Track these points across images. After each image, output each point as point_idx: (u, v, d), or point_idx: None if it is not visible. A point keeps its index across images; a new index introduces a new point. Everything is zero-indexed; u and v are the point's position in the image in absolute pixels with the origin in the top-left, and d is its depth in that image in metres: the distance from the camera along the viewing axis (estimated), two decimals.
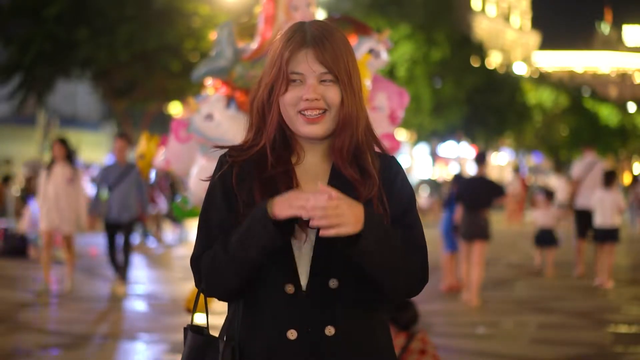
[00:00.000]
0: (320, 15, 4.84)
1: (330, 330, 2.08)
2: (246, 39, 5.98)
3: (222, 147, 2.25)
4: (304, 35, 2.15)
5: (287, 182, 2.14)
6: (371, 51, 5.54)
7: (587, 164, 12.64)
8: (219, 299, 2.19)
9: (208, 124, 5.64)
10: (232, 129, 5.52)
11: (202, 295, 2.21)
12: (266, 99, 2.17)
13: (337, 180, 2.16)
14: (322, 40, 2.15)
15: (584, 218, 12.34)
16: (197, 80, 5.89)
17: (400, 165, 2.26)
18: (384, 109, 5.75)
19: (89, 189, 21.66)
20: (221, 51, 5.58)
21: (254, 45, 5.70)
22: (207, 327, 2.21)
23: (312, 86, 2.12)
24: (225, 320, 2.21)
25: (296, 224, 2.08)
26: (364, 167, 2.17)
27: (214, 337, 2.17)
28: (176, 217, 7.33)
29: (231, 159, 2.18)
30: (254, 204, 2.10)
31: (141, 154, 9.13)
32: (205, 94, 6.27)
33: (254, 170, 2.15)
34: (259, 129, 2.20)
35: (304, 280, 2.09)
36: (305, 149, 2.20)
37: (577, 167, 12.89)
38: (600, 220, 11.59)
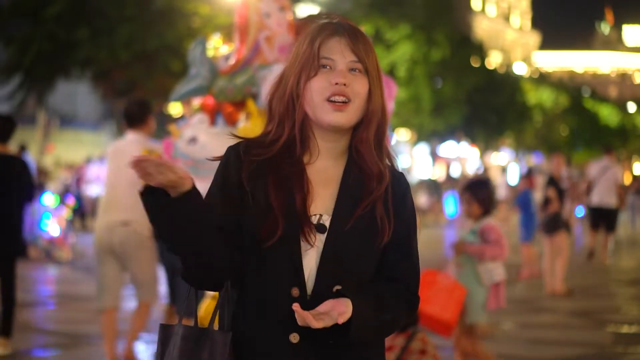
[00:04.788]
0: (288, 16, 4.78)
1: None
2: (233, 41, 5.93)
3: (238, 137, 2.25)
4: (336, 26, 2.18)
5: (301, 182, 2.14)
6: None
7: (602, 167, 13.90)
8: (197, 286, 2.18)
9: (192, 147, 5.58)
10: (219, 147, 5.45)
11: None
12: (295, 86, 2.16)
13: (349, 181, 2.17)
14: (354, 32, 2.18)
15: (596, 214, 13.85)
16: (176, 101, 5.88)
17: (409, 185, 2.27)
18: None
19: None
20: (196, 72, 5.56)
21: (231, 61, 5.64)
22: (195, 319, 2.19)
23: (342, 72, 2.13)
24: (219, 314, 2.19)
25: (308, 227, 2.09)
26: (380, 165, 2.18)
27: (204, 328, 2.15)
28: None
29: (255, 157, 2.15)
30: (268, 202, 2.10)
31: None
32: (185, 119, 6.20)
33: (268, 167, 2.15)
34: (281, 120, 2.19)
35: (308, 286, 2.09)
36: (320, 148, 2.19)
37: (593, 168, 14.27)
38: None
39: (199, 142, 5.55)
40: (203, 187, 6.13)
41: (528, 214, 12.62)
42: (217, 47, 5.87)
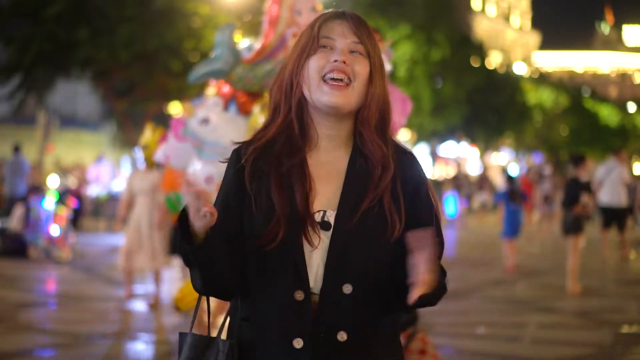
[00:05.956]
0: None
1: (342, 336, 2.04)
2: (252, 36, 5.98)
3: (237, 143, 2.22)
4: (340, 12, 2.16)
5: (301, 176, 2.09)
6: None
7: (608, 168, 14.44)
8: (206, 294, 2.18)
9: (204, 128, 5.61)
10: (229, 132, 5.49)
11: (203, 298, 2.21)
12: (294, 70, 2.12)
13: (354, 174, 2.12)
14: (358, 18, 2.15)
15: (605, 213, 14.34)
16: (194, 81, 5.88)
17: (422, 167, 2.21)
18: None
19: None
20: (220, 53, 5.58)
21: (257, 45, 5.69)
22: (208, 328, 2.18)
23: (342, 50, 2.10)
24: (229, 322, 2.20)
25: (311, 227, 2.06)
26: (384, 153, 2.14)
27: (213, 337, 2.14)
28: (169, 209, 7.29)
29: (255, 150, 2.13)
30: (271, 204, 2.07)
31: (145, 145, 9.26)
32: (201, 98, 6.24)
33: (268, 165, 2.11)
34: (277, 105, 2.15)
35: (315, 286, 2.05)
36: (320, 136, 2.15)
37: (600, 170, 14.84)
38: None
39: (210, 124, 5.60)
40: (205, 169, 6.13)
41: (509, 212, 13.11)
42: (237, 41, 5.90)
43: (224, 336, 2.15)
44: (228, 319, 2.19)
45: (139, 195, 9.40)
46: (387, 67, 5.65)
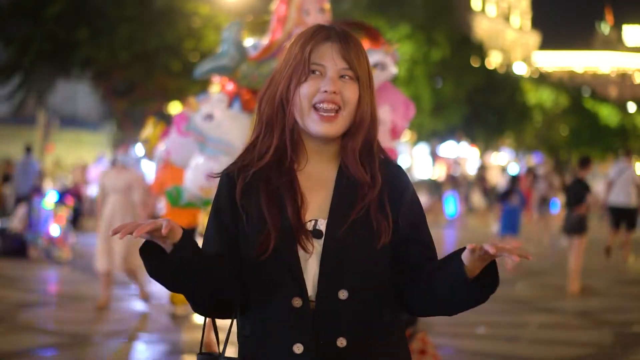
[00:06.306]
0: (326, 18, 4.75)
1: (342, 342, 2.05)
2: (256, 35, 5.98)
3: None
4: (329, 32, 2.16)
5: (292, 192, 2.11)
6: (376, 65, 5.47)
7: (619, 168, 14.72)
8: (205, 315, 2.18)
9: (208, 124, 5.62)
10: (233, 129, 5.50)
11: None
12: (284, 91, 2.14)
13: (342, 185, 2.14)
14: (347, 38, 2.16)
15: (615, 213, 14.49)
16: (199, 77, 5.88)
17: (408, 177, 2.24)
18: (385, 122, 5.66)
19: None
20: (226, 50, 5.58)
21: (265, 41, 5.69)
22: (218, 347, 2.18)
23: (332, 79, 2.11)
24: (226, 338, 2.20)
25: (304, 235, 2.07)
26: (371, 171, 2.16)
27: (216, 356, 2.15)
28: (169, 203, 7.25)
29: (248, 174, 2.14)
30: (262, 216, 2.08)
31: (146, 139, 9.23)
32: (206, 94, 6.25)
33: (259, 181, 2.12)
34: (269, 125, 2.17)
35: (313, 293, 2.06)
36: (310, 152, 2.17)
37: (612, 170, 15.13)
38: None
39: (214, 120, 5.60)
40: (207, 165, 6.12)
41: (507, 211, 13.51)
42: (242, 40, 5.91)
43: (227, 353, 2.16)
44: (229, 333, 2.20)
45: (111, 194, 9.12)
46: (393, 70, 5.63)
